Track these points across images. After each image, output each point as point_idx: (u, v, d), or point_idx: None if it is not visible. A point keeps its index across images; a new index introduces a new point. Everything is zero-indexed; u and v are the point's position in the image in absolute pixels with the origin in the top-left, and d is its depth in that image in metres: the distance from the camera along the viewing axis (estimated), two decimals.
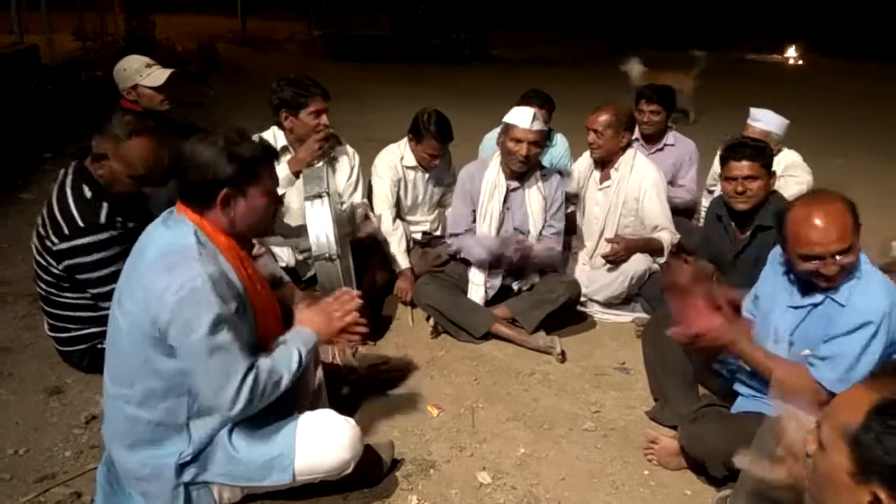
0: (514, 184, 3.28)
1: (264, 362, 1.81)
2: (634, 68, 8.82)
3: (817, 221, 1.92)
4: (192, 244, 1.74)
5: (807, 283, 2.09)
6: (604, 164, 3.52)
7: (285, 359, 1.86)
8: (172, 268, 1.69)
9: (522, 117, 3.12)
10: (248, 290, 1.84)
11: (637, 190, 3.43)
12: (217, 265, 1.75)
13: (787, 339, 2.12)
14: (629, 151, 3.48)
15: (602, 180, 3.54)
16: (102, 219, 2.40)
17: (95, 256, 2.39)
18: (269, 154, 1.92)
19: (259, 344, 1.87)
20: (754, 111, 3.71)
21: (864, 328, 1.93)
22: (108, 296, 2.37)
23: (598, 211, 3.55)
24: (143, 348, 1.74)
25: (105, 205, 2.42)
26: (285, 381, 1.83)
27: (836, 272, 1.95)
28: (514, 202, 3.30)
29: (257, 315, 1.87)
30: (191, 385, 1.76)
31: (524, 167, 3.20)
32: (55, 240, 2.39)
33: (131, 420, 1.81)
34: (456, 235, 3.41)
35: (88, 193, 2.42)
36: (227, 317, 1.71)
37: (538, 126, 3.13)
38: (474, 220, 3.38)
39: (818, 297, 2.05)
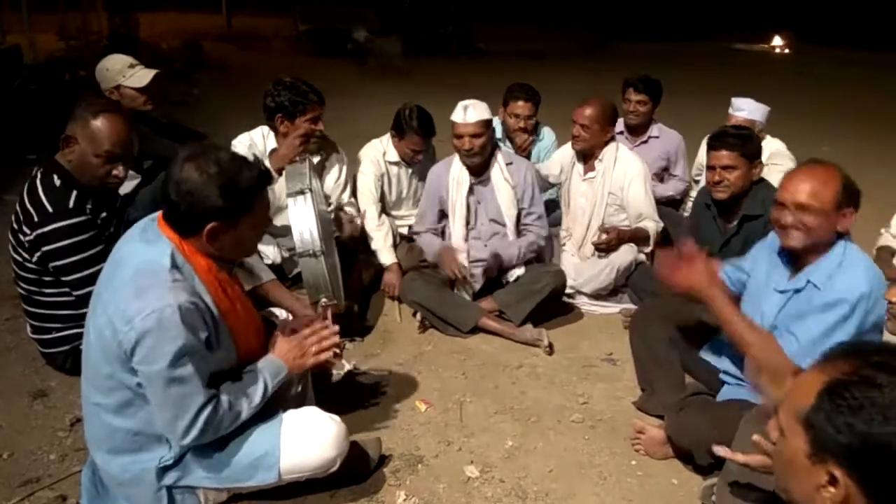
0: (480, 177, 3.29)
1: (225, 396, 1.77)
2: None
3: (799, 174, 2.01)
4: (166, 268, 1.67)
5: (792, 267, 2.12)
6: (586, 156, 3.52)
7: (249, 391, 1.82)
8: (143, 293, 1.63)
9: (457, 113, 3.16)
10: (224, 312, 1.79)
11: (622, 179, 3.43)
12: (190, 292, 1.68)
13: (771, 322, 2.13)
14: (612, 143, 3.48)
15: (586, 171, 3.54)
16: (71, 203, 2.39)
17: (66, 242, 2.37)
18: (264, 181, 1.80)
19: (240, 361, 1.86)
20: (736, 100, 3.72)
21: (837, 306, 1.92)
22: (83, 283, 2.38)
23: (584, 202, 3.55)
24: (112, 362, 1.71)
25: (74, 191, 2.41)
26: (244, 415, 1.81)
27: (790, 224, 1.98)
28: (484, 196, 3.30)
29: (237, 336, 1.84)
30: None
31: (474, 160, 3.21)
32: (27, 230, 2.37)
33: (110, 428, 1.79)
34: (417, 234, 3.48)
35: (58, 182, 2.40)
36: (192, 348, 1.66)
37: (474, 117, 3.13)
38: (440, 220, 3.41)
39: (801, 282, 2.06)
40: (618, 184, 3.45)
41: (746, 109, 3.66)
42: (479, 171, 3.28)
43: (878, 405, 0.99)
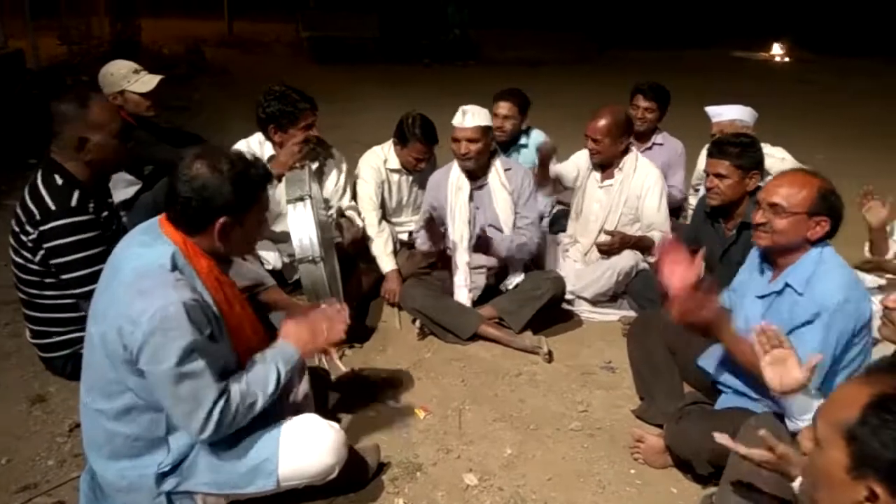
0: (478, 182, 3.30)
1: (237, 386, 1.76)
2: None
3: (780, 176, 2.11)
4: (167, 268, 1.69)
5: (771, 272, 2.16)
6: (604, 166, 3.52)
7: (262, 380, 1.81)
8: (146, 293, 1.64)
9: (456, 117, 3.18)
10: (224, 312, 1.81)
11: (640, 188, 3.44)
12: (192, 291, 1.70)
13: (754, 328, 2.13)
14: (631, 153, 3.49)
15: (604, 179, 3.54)
16: (74, 202, 2.40)
17: (69, 239, 2.38)
18: (268, 178, 1.87)
19: (239, 361, 1.85)
20: (710, 109, 3.69)
21: (818, 318, 1.95)
22: (83, 282, 2.40)
23: (598, 208, 3.55)
24: (117, 366, 1.71)
25: (77, 191, 2.43)
26: (260, 404, 1.80)
27: (759, 223, 2.07)
28: (482, 200, 3.32)
29: (235, 335, 1.85)
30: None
31: (470, 165, 3.23)
32: (29, 229, 2.39)
33: (109, 433, 1.79)
34: (418, 234, 3.48)
35: (60, 181, 2.42)
36: (199, 344, 1.67)
37: (472, 122, 3.14)
38: (440, 225, 3.38)
39: (779, 285, 2.09)
40: (635, 193, 3.45)
41: (723, 113, 3.60)
42: (477, 176, 3.29)
43: None
